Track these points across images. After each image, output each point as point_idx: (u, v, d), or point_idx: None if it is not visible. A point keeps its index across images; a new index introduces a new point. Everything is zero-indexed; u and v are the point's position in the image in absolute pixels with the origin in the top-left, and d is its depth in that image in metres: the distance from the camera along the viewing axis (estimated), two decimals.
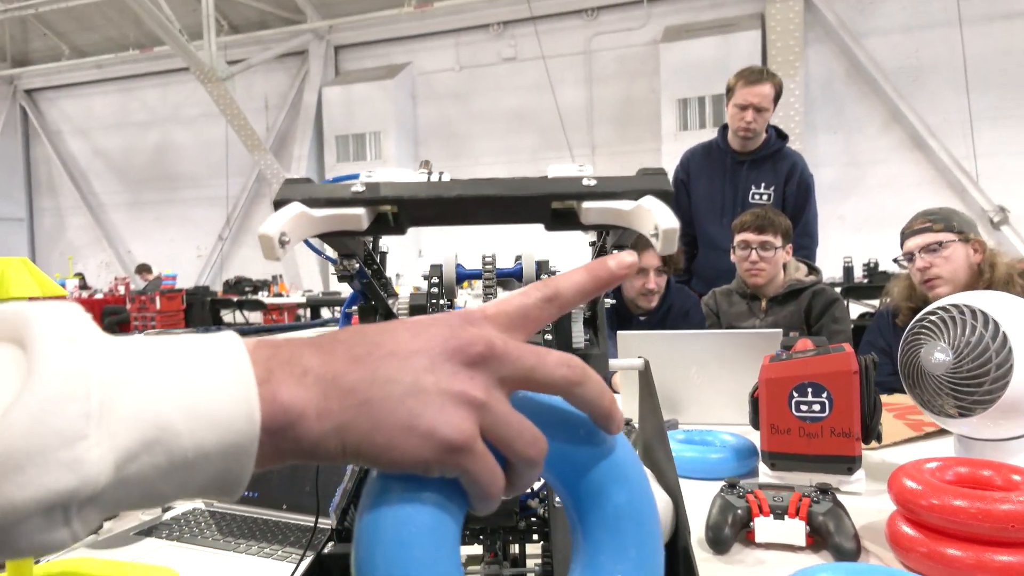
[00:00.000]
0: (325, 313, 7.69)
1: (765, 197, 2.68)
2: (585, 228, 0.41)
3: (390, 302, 0.76)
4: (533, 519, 0.69)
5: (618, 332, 1.54)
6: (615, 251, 0.60)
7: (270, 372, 0.31)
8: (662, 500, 0.66)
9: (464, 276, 0.78)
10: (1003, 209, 7.94)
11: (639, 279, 2.17)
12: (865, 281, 7.22)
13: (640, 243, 1.70)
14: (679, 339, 1.53)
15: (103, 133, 12.19)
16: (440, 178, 0.42)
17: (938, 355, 1.05)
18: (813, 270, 2.33)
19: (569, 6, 9.39)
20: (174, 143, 11.76)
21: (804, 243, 2.70)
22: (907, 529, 0.83)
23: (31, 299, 0.68)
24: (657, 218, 0.37)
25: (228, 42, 10.08)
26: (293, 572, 0.71)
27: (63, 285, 9.20)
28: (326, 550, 0.67)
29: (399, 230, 0.41)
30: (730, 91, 2.63)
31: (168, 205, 11.72)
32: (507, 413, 0.33)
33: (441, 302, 0.75)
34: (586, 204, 0.40)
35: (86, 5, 9.92)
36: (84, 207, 12.50)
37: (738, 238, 2.24)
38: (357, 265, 0.58)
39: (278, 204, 0.39)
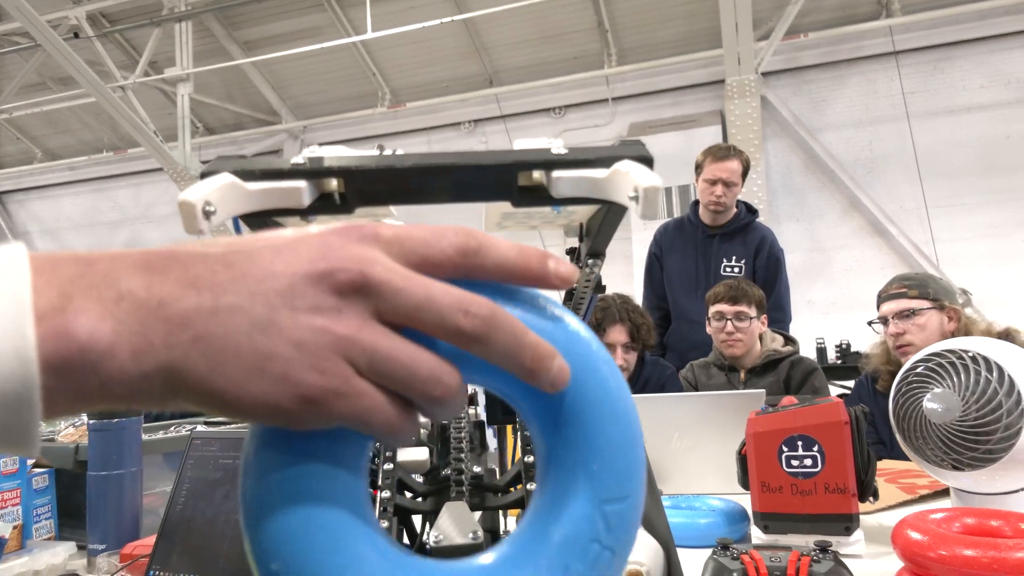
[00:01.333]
0: None
1: (736, 270, 2.70)
2: (555, 202, 0.37)
3: None
4: None
5: None
6: (587, 259, 0.56)
7: (68, 297, 0.24)
8: (652, 548, 0.59)
9: None
10: (965, 292, 8.15)
11: None
12: (839, 362, 7.26)
13: (607, 318, 1.67)
14: (660, 403, 1.48)
15: (72, 233, 12.12)
16: (393, 152, 0.38)
17: (939, 403, 1.01)
18: (789, 340, 2.31)
19: (537, 105, 9.77)
20: (145, 241, 11.71)
21: (777, 316, 2.69)
22: None
23: None
24: (636, 178, 0.33)
25: (202, 143, 10.26)
26: None
27: None
28: None
29: (346, 209, 0.37)
30: (699, 167, 2.69)
31: None
32: (389, 349, 0.27)
33: None
34: (556, 173, 0.36)
35: (61, 110, 10.08)
36: None
37: (712, 309, 2.23)
38: None
39: (205, 176, 0.35)
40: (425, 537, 0.57)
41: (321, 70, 9.66)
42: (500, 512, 0.65)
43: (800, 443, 1.00)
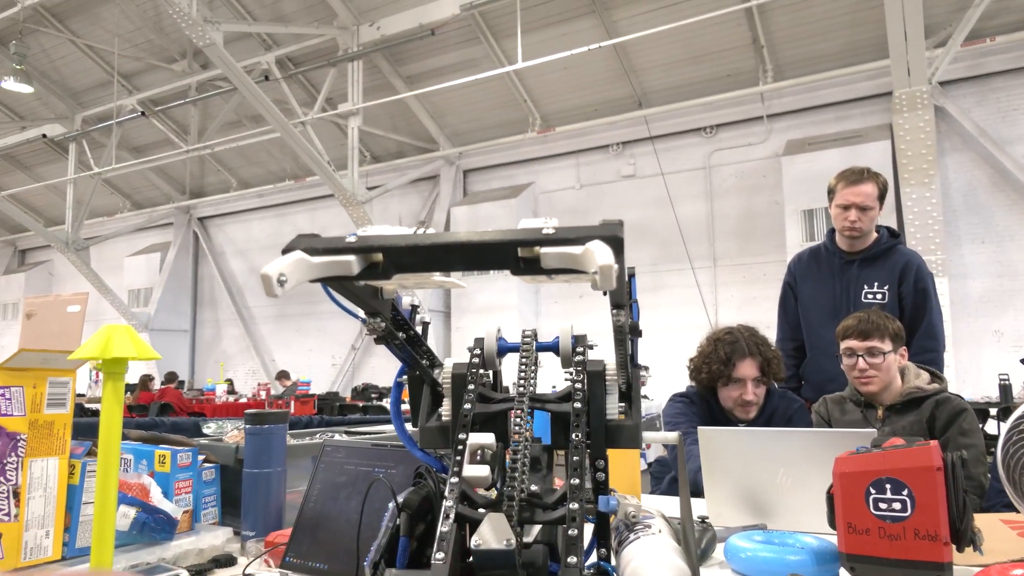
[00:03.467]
0: None
1: (879, 296, 2.56)
2: (548, 273, 0.46)
3: (435, 372, 0.82)
4: None
5: (700, 429, 1.50)
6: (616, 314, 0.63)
7: None
8: (682, 572, 0.65)
9: (505, 349, 0.83)
10: None
11: (735, 389, 2.10)
12: None
13: (736, 352, 1.72)
14: (766, 437, 1.47)
15: (258, 253, 13.53)
16: (425, 231, 0.49)
17: None
18: (937, 378, 2.16)
19: (687, 125, 9.65)
20: None
21: (929, 346, 2.52)
22: None
23: (129, 359, 0.80)
24: (598, 257, 0.42)
25: (369, 170, 11.11)
26: None
27: (212, 389, 10.02)
28: None
29: (386, 275, 0.48)
30: (831, 192, 2.60)
31: (308, 318, 12.63)
32: None
33: (481, 372, 0.80)
34: (544, 249, 0.45)
35: (252, 144, 11.33)
36: (238, 319, 13.73)
37: (843, 346, 2.14)
38: (383, 324, 0.65)
39: (285, 251, 0.47)
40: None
41: (476, 99, 10.17)
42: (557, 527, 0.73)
43: (889, 486, 0.99)
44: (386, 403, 8.38)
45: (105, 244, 14.32)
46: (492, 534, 0.60)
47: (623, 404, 0.79)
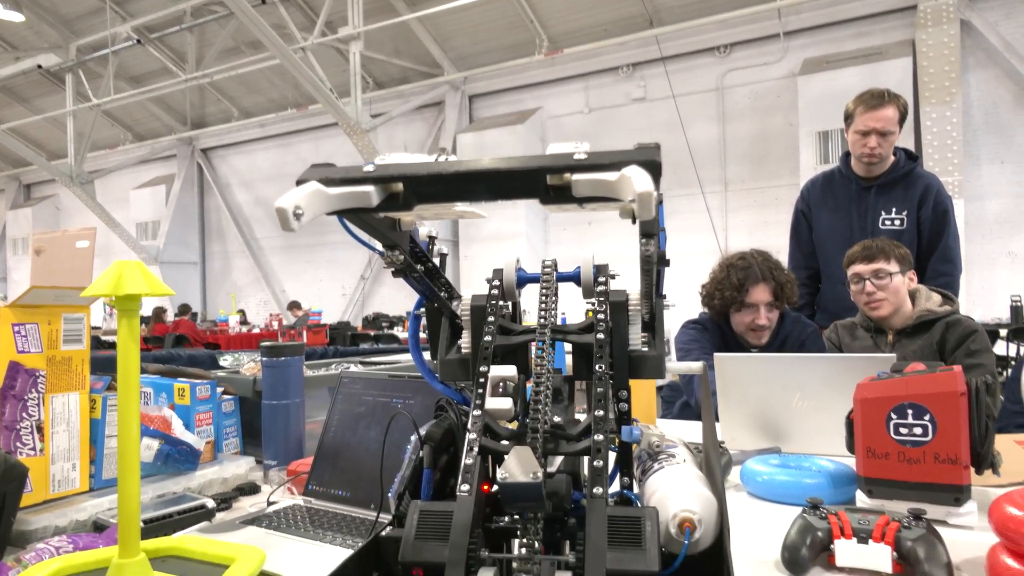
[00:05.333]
0: None
1: (897, 223, 2.51)
2: (579, 201, 0.43)
3: (453, 304, 0.80)
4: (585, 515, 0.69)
5: (716, 356, 1.49)
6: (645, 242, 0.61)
7: None
8: (710, 503, 0.65)
9: (524, 280, 0.81)
10: None
11: (748, 314, 2.09)
12: None
13: (749, 277, 1.69)
14: (781, 363, 1.46)
15: (264, 184, 13.43)
16: (446, 159, 0.46)
17: None
18: (949, 300, 2.14)
19: (700, 44, 9.32)
20: None
21: (945, 270, 2.49)
22: (1009, 561, 0.75)
23: (142, 296, 0.78)
24: (636, 183, 0.39)
25: (372, 97, 10.86)
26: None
27: (225, 320, 10.13)
28: (384, 533, 0.71)
29: (406, 206, 0.45)
30: (849, 117, 2.51)
31: (318, 248, 12.64)
32: None
33: (500, 304, 0.78)
34: (575, 176, 0.42)
35: (252, 72, 11.05)
36: (247, 251, 13.75)
37: (850, 272, 2.12)
38: (401, 257, 0.63)
39: (300, 183, 0.45)
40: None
41: (481, 20, 9.82)
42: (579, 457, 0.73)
43: (911, 411, 0.98)
44: (397, 331, 8.48)
45: (110, 177, 14.23)
46: (519, 468, 0.60)
47: (646, 334, 0.78)
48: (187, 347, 7.35)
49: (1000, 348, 6.12)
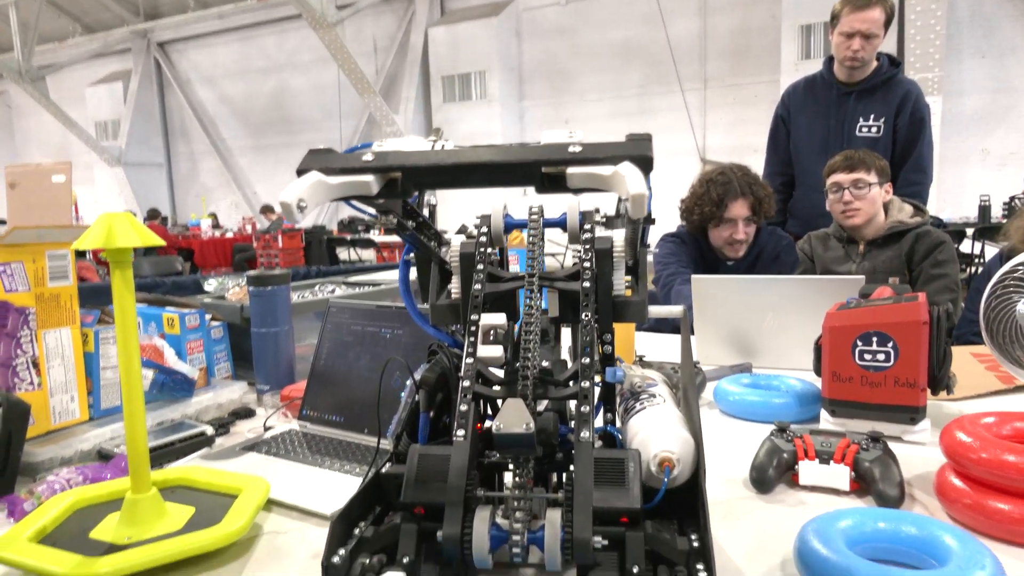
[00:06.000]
0: None
1: (874, 130, 2.52)
2: (574, 191, 0.45)
3: (442, 251, 0.82)
4: (572, 451, 0.74)
5: (694, 277, 1.54)
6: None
7: None
8: (688, 443, 0.70)
9: (512, 225, 0.83)
10: None
11: (726, 229, 2.12)
12: (1003, 221, 6.63)
13: (728, 193, 1.71)
14: (755, 284, 1.52)
15: (227, 81, 12.89)
16: (444, 147, 0.47)
17: None
18: (920, 211, 2.20)
19: None
20: (290, 88, 12.28)
21: (916, 179, 2.53)
22: (955, 481, 0.83)
23: (134, 249, 0.79)
24: (629, 184, 0.41)
25: None
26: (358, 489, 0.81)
27: (197, 225, 9.98)
28: (384, 470, 0.76)
29: (406, 193, 0.47)
30: (835, 18, 2.47)
31: (288, 148, 12.32)
32: None
33: (489, 251, 0.80)
34: (571, 170, 0.44)
35: None
36: (214, 151, 13.36)
37: (830, 181, 2.15)
38: (395, 220, 0.64)
39: (300, 173, 0.46)
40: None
41: None
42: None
43: (875, 339, 1.04)
44: (373, 235, 8.44)
45: (62, 73, 13.54)
46: (513, 419, 0.64)
47: (630, 278, 0.81)
48: (160, 253, 7.28)
49: (966, 246, 6.29)
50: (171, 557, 0.74)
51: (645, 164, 0.43)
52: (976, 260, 6.21)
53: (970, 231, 6.37)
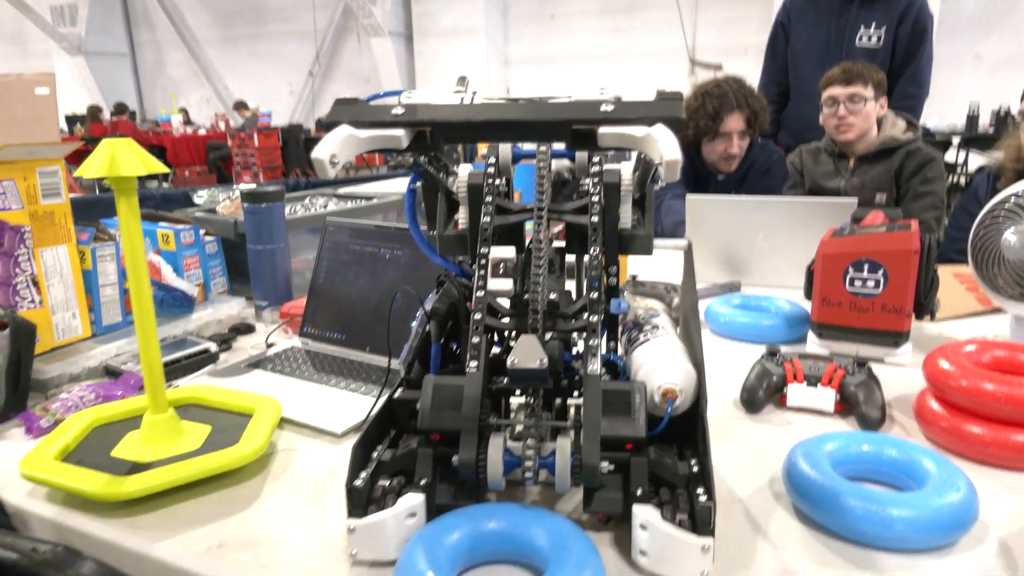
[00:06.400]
0: None
1: (874, 39, 2.47)
2: (604, 149, 0.45)
3: (449, 180, 0.82)
4: (576, 378, 0.77)
5: (688, 196, 1.55)
6: None
7: None
8: (690, 375, 0.73)
9: (519, 155, 0.82)
10: None
11: (721, 143, 2.11)
12: (991, 131, 6.62)
13: (724, 105, 1.69)
14: (748, 205, 1.53)
15: None
16: (473, 99, 0.47)
17: (1020, 240, 1.03)
18: (912, 127, 2.19)
19: None
20: None
21: (911, 91, 2.51)
22: (934, 405, 0.88)
23: (138, 178, 0.78)
24: (663, 149, 0.41)
25: None
26: (370, 410, 0.85)
27: (168, 120, 9.64)
28: (396, 395, 0.79)
29: (436, 148, 0.47)
30: None
31: (259, 40, 11.77)
32: None
33: (497, 182, 0.80)
34: (602, 129, 0.44)
35: None
36: (180, 41, 12.73)
37: (825, 94, 2.13)
38: (412, 159, 0.64)
39: (329, 126, 0.45)
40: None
41: None
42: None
43: (866, 266, 1.07)
44: None
45: None
46: (527, 355, 0.66)
47: (637, 213, 0.82)
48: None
49: (951, 155, 6.30)
50: (194, 476, 0.78)
51: (676, 126, 0.43)
52: (960, 170, 6.24)
53: (956, 140, 6.36)
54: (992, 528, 0.70)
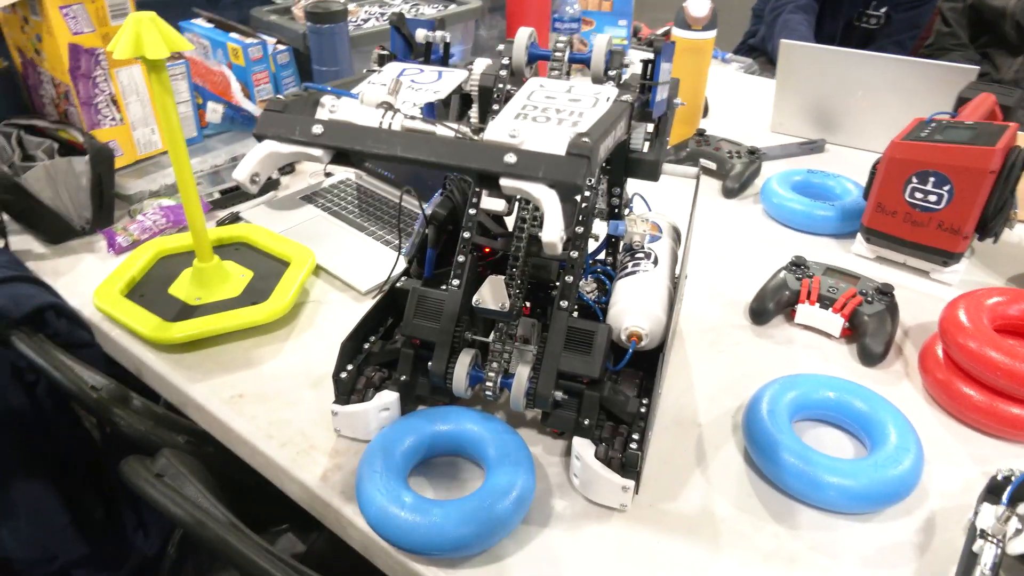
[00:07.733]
0: None
1: None
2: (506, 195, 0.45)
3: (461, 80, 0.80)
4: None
5: (783, 42, 1.37)
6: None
7: None
8: (659, 321, 0.75)
9: (535, 57, 0.78)
10: None
11: None
12: None
13: None
14: (851, 58, 1.34)
15: None
16: (392, 122, 0.46)
17: None
18: None
19: None
20: None
21: None
22: (938, 352, 0.85)
23: (163, 60, 0.80)
24: (545, 224, 0.41)
25: None
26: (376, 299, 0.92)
27: None
28: (399, 284, 0.86)
29: (358, 166, 0.47)
30: None
31: None
32: None
33: (508, 87, 0.77)
34: (503, 181, 0.43)
35: None
36: None
37: None
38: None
39: (259, 137, 0.47)
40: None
41: None
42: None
43: (932, 179, 0.97)
44: None
45: None
46: (491, 298, 0.70)
47: (650, 136, 0.77)
48: None
49: None
50: (228, 328, 0.91)
51: (573, 191, 0.41)
52: None
53: None
54: (931, 498, 0.73)
